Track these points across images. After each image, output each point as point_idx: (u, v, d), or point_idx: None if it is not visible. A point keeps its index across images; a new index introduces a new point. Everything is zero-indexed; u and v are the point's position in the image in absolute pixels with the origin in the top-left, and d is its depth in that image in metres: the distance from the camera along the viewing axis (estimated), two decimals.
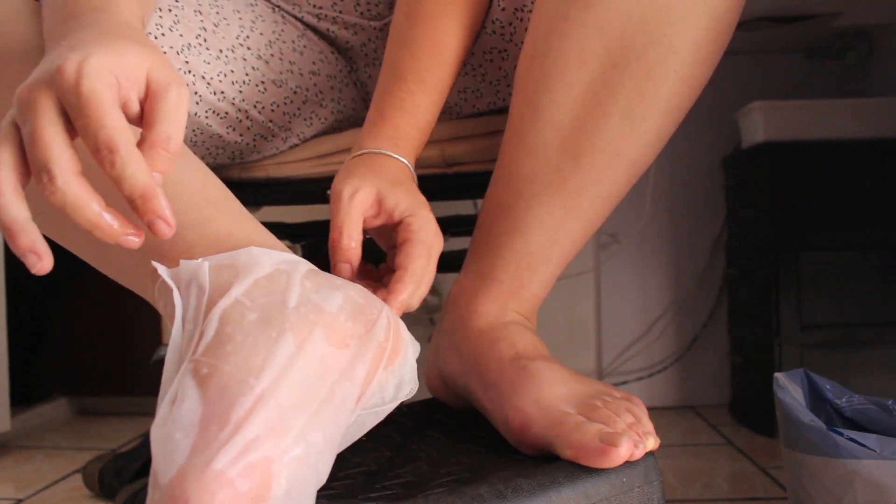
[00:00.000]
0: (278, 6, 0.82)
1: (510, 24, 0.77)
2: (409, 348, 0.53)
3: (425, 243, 0.63)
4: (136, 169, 0.43)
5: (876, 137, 1.47)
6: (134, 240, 0.44)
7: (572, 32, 0.66)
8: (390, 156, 0.69)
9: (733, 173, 1.68)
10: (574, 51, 0.66)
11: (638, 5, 0.64)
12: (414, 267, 0.62)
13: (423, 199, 0.67)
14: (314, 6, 0.82)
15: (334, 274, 0.56)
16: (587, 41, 0.65)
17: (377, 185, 0.65)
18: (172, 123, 0.45)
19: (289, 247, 1.14)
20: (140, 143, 0.44)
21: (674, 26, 0.64)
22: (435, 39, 0.72)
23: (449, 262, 0.97)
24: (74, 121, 0.43)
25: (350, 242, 0.62)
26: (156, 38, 0.72)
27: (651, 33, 0.64)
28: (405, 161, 0.70)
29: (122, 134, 0.43)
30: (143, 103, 0.46)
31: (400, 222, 0.64)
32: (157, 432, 0.43)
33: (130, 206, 0.43)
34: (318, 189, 0.87)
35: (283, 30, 0.82)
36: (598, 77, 0.66)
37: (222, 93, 0.77)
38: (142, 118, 0.46)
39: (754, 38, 1.64)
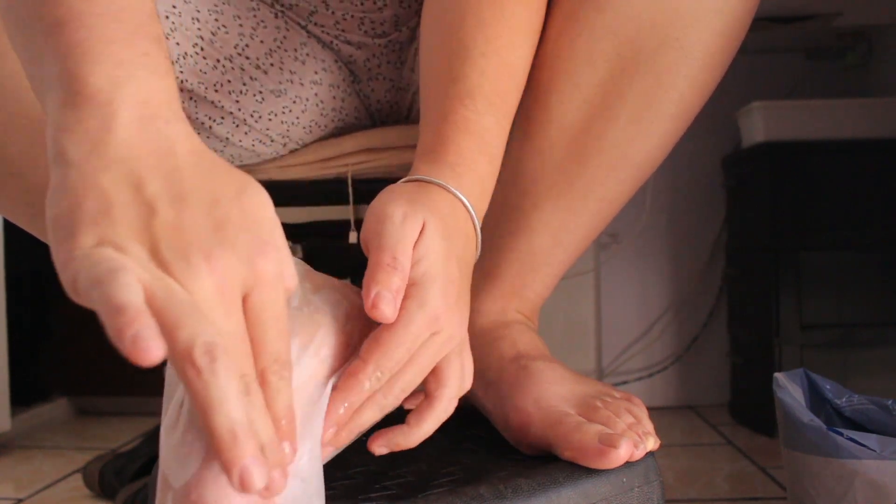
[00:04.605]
0: (282, 12, 0.81)
1: None
2: None
3: (426, 306, 0.49)
4: (290, 393, 0.41)
5: (876, 137, 1.47)
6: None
7: (583, 34, 0.66)
8: (449, 191, 0.55)
9: (733, 173, 1.68)
10: (584, 53, 0.66)
11: (650, 9, 0.64)
12: (449, 391, 0.52)
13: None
14: (316, 23, 0.81)
15: (372, 307, 0.47)
16: (597, 43, 0.65)
17: (426, 217, 0.52)
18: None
19: (289, 246, 1.14)
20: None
21: (686, 30, 0.64)
22: (508, 62, 0.61)
23: None
24: (256, 325, 0.40)
25: (398, 268, 0.48)
26: None
27: (662, 37, 0.64)
28: (465, 201, 0.56)
29: (289, 353, 0.42)
30: None
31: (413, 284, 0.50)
32: (168, 436, 0.43)
33: (277, 425, 0.40)
34: (318, 191, 0.87)
35: (285, 37, 0.80)
36: (607, 79, 0.66)
37: (220, 101, 0.76)
38: None
39: (754, 38, 1.63)
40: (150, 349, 0.34)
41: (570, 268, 0.71)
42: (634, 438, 0.56)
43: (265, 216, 0.41)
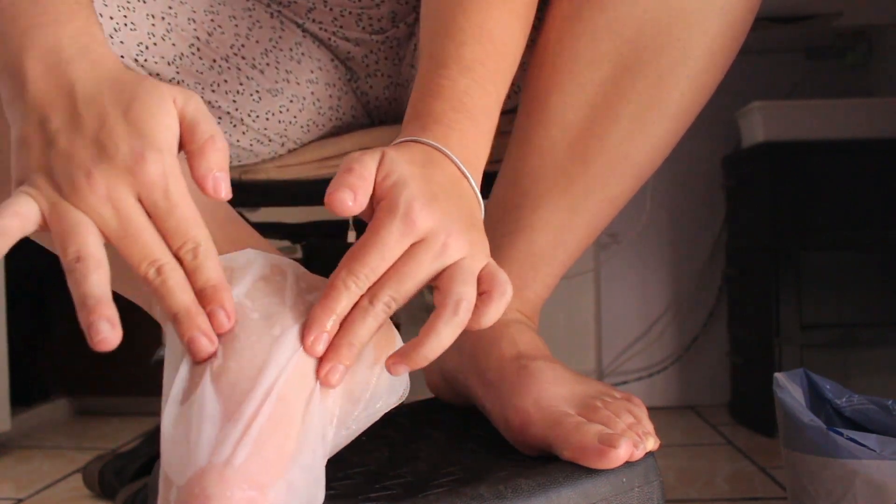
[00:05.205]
0: (279, 11, 0.81)
1: None
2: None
3: (395, 203, 0.48)
4: (215, 262, 0.47)
5: (876, 137, 1.47)
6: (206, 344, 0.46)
7: (585, 34, 0.66)
8: (418, 142, 0.54)
9: (733, 173, 1.68)
10: (586, 52, 0.66)
11: (653, 8, 0.64)
12: (452, 296, 0.48)
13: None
14: (314, 20, 0.81)
15: (332, 203, 0.49)
16: (600, 43, 0.65)
17: (384, 150, 0.52)
18: (208, 122, 0.48)
19: (289, 247, 1.14)
20: (192, 157, 0.47)
21: (688, 31, 0.64)
22: (490, 32, 0.59)
23: None
24: (158, 220, 0.46)
25: (354, 172, 0.49)
26: (147, 47, 0.70)
27: (665, 37, 0.64)
28: (437, 145, 0.54)
29: (203, 229, 0.47)
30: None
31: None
32: (169, 435, 0.44)
33: (199, 295, 0.46)
34: (318, 191, 0.87)
35: (280, 37, 0.80)
36: (609, 79, 0.66)
37: (216, 101, 0.76)
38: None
39: (754, 38, 1.63)
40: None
41: (570, 267, 0.71)
42: (634, 438, 0.56)
43: (148, 125, 0.46)
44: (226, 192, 0.47)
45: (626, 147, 0.67)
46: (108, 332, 0.43)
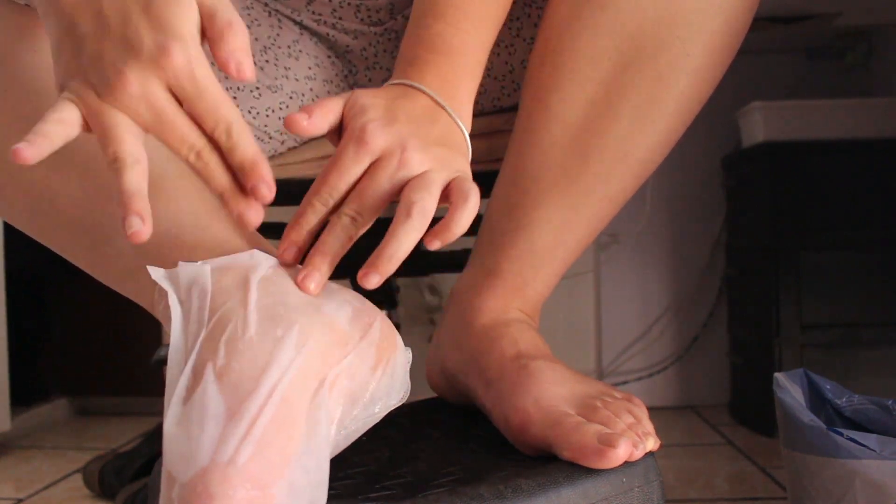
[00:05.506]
0: (276, 10, 0.81)
1: (517, 18, 0.76)
2: (401, 354, 0.53)
3: (353, 129, 0.54)
4: (248, 139, 0.49)
5: (876, 137, 1.47)
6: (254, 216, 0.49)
7: (585, 32, 0.66)
8: (394, 84, 0.59)
9: (733, 173, 1.68)
10: (586, 50, 0.66)
11: (653, 6, 0.64)
12: (404, 205, 0.51)
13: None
14: (313, 12, 0.81)
15: (288, 122, 0.53)
16: (600, 41, 0.66)
17: (353, 91, 0.57)
18: (226, 9, 0.49)
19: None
20: (213, 44, 0.49)
21: (688, 28, 0.65)
22: None
23: (451, 261, 0.97)
24: (189, 105, 0.48)
25: (310, 105, 0.54)
26: None
27: (665, 35, 0.65)
28: (407, 81, 0.59)
29: (233, 109, 0.49)
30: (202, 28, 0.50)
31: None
32: (172, 433, 0.44)
33: (239, 172, 0.49)
34: None
35: (278, 34, 0.80)
36: (609, 77, 0.66)
37: None
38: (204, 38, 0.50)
39: (754, 38, 1.63)
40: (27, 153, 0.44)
41: (570, 267, 0.71)
42: (633, 438, 0.56)
43: (169, 17, 0.48)
44: (249, 71, 0.48)
45: (627, 145, 0.67)
46: (138, 226, 0.45)
